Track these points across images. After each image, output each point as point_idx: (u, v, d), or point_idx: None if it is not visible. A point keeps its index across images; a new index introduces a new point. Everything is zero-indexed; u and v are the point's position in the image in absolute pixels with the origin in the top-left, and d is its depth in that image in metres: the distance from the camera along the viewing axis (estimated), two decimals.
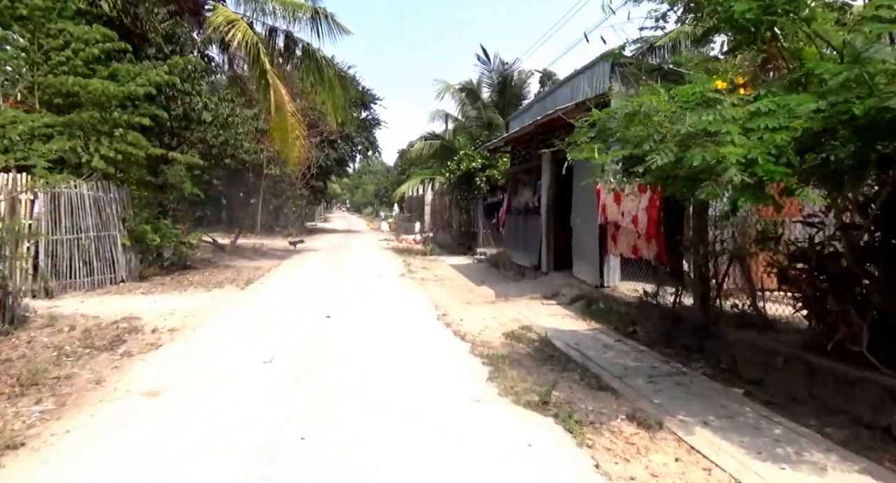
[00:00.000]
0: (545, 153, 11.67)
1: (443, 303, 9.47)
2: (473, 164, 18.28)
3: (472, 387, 4.84)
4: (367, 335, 6.82)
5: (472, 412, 4.27)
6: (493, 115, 18.69)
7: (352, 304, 9.13)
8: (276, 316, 7.90)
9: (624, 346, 6.41)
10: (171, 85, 11.26)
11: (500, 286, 11.44)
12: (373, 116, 35.99)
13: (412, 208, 39.16)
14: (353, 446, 3.60)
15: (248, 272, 13.26)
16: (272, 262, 16.11)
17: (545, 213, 11.62)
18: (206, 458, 3.37)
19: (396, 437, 3.77)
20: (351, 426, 3.94)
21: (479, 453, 3.54)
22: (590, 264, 9.26)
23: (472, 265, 16.27)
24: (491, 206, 18.71)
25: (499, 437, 3.79)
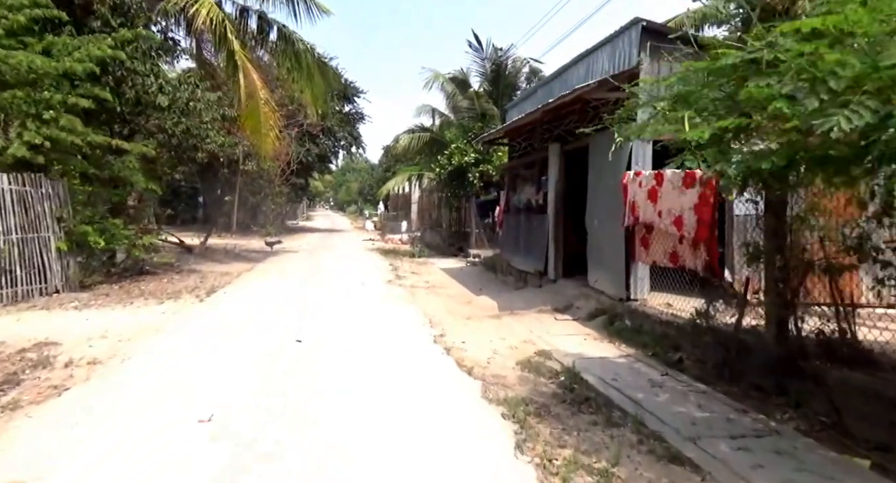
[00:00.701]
0: (553, 144, 10.29)
1: (439, 318, 8.02)
2: (466, 158, 16.85)
3: (499, 467, 3.39)
4: (346, 372, 5.33)
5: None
6: (487, 105, 17.27)
7: (330, 321, 7.63)
8: (234, 341, 6.37)
9: (676, 384, 5.02)
10: (119, 63, 9.66)
11: (502, 296, 10.02)
12: (356, 110, 34.36)
13: (398, 206, 37.63)
14: None
15: (213, 279, 11.67)
16: (244, 265, 14.50)
17: (552, 212, 10.23)
18: None
19: None
20: None
21: None
22: (612, 273, 7.88)
23: (465, 269, 14.83)
24: (485, 205, 17.29)
25: None
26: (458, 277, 12.96)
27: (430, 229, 23.68)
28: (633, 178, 7.11)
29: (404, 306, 8.94)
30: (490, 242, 17.22)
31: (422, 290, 10.87)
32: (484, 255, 16.28)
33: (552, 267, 10.20)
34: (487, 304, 9.38)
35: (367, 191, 61.70)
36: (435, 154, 19.13)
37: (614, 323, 7.41)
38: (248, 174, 27.44)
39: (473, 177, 17.01)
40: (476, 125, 17.09)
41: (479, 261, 15.80)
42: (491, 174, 17.12)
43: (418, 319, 7.88)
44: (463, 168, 17.13)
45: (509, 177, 13.71)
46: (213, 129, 12.84)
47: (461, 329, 7.36)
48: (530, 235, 11.39)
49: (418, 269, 14.61)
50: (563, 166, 10.09)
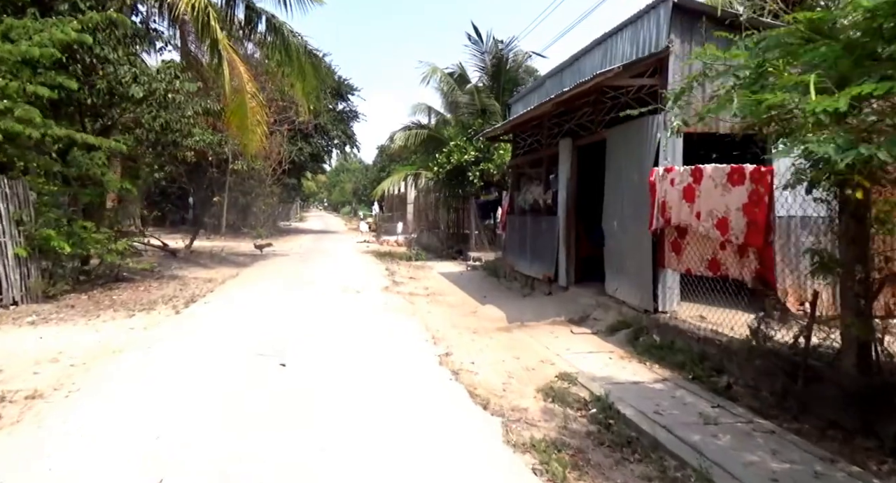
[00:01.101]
0: (564, 139, 9.46)
1: (443, 332, 7.16)
2: (465, 156, 16.01)
3: None
4: (338, 410, 4.47)
5: None
6: (488, 100, 16.41)
7: (321, 337, 6.76)
8: (206, 365, 5.49)
9: (733, 419, 4.19)
10: (88, 49, 8.76)
11: (509, 305, 9.18)
12: (350, 108, 33.48)
13: (393, 207, 36.75)
14: None
15: (194, 286, 10.78)
16: (230, 270, 13.60)
17: (563, 213, 9.40)
18: None
19: None
20: None
21: None
22: (635, 281, 7.05)
23: (466, 274, 13.98)
24: (486, 205, 16.47)
25: None
26: (460, 283, 12.11)
27: (428, 231, 22.83)
28: (664, 175, 6.29)
29: (404, 318, 8.08)
30: (491, 245, 16.40)
31: (422, 299, 10.02)
32: (485, 258, 15.45)
33: (563, 273, 9.37)
34: (494, 314, 8.53)
35: (362, 191, 60.74)
36: (432, 152, 18.28)
37: (640, 338, 6.58)
38: (238, 174, 26.49)
39: (473, 176, 16.17)
40: (476, 121, 16.25)
41: (480, 265, 14.96)
42: (492, 173, 16.29)
43: (420, 335, 7.02)
44: (462, 167, 16.29)
45: (513, 175, 12.88)
46: (195, 124, 11.92)
47: (468, 346, 6.51)
48: (538, 238, 10.56)
49: (416, 274, 13.75)
50: (575, 163, 9.27)
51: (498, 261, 14.13)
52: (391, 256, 18.07)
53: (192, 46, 16.64)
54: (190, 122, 11.58)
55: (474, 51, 17.57)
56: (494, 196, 16.83)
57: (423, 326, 7.51)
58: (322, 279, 12.14)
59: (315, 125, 30.02)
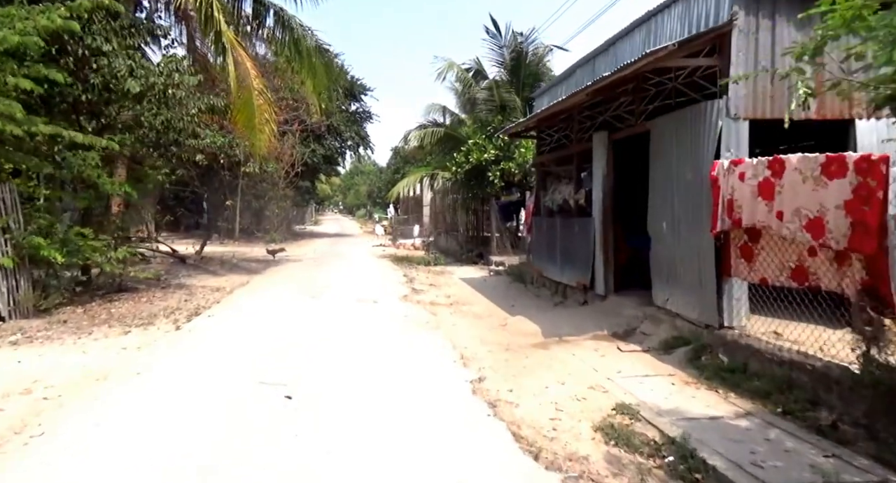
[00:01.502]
0: (598, 133, 8.58)
1: (472, 350, 6.32)
2: (485, 155, 15.15)
3: None
4: (354, 459, 3.64)
5: None
6: (508, 96, 15.54)
7: (334, 359, 5.96)
8: (200, 397, 4.71)
9: (864, 479, 3.27)
10: (78, 39, 8.09)
11: (542, 316, 8.29)
12: (363, 109, 32.83)
13: (409, 210, 36.03)
14: None
15: (201, 296, 10.06)
16: (240, 278, 12.89)
17: (598, 214, 8.51)
18: None
19: None
20: None
21: None
22: (692, 291, 6.14)
23: (489, 280, 13.11)
24: (508, 206, 15.59)
25: None
26: (484, 291, 11.25)
27: (445, 234, 22.01)
28: (730, 169, 5.38)
29: (427, 334, 7.24)
30: (514, 249, 15.52)
31: (444, 309, 9.18)
32: (508, 262, 14.57)
33: (600, 280, 8.46)
34: (527, 327, 7.65)
35: (377, 194, 60.22)
36: (449, 152, 17.46)
37: (702, 357, 5.68)
38: (251, 177, 25.93)
39: (494, 176, 15.31)
40: (495, 118, 15.39)
41: (503, 270, 14.09)
42: (513, 173, 15.41)
43: (447, 354, 6.18)
44: (482, 166, 15.43)
45: (538, 174, 11.99)
46: (199, 123, 11.21)
47: (503, 368, 5.65)
48: (569, 242, 9.67)
49: (436, 281, 12.92)
50: (611, 159, 8.37)
51: (523, 265, 13.25)
52: (409, 261, 17.27)
53: (199, 43, 16.09)
54: (193, 120, 10.88)
55: (492, 45, 16.75)
56: (516, 197, 15.96)
57: (449, 343, 6.67)
58: (336, 287, 11.36)
59: (327, 126, 29.42)
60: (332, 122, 29.56)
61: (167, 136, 9.92)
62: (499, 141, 15.40)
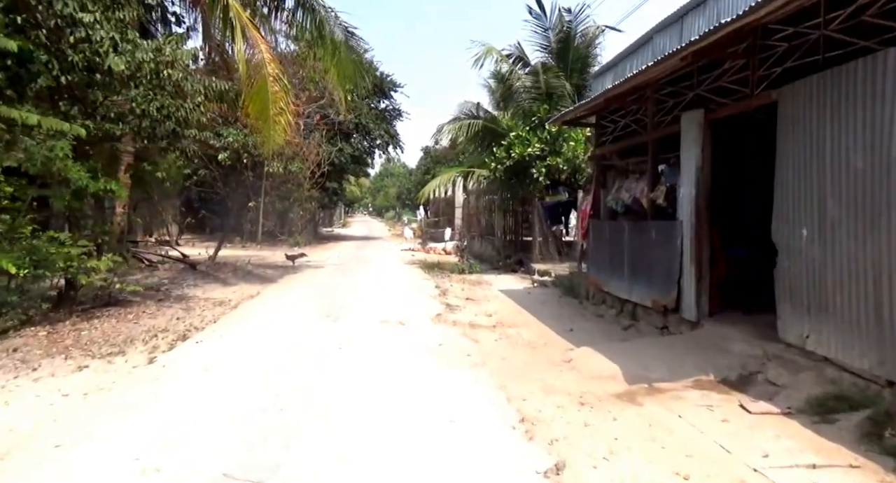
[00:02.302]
0: (689, 112, 6.70)
1: (535, 406, 4.53)
2: (529, 149, 13.34)
3: None
4: None
5: None
6: (556, 81, 13.67)
7: (340, 427, 4.26)
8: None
9: None
10: (47, 5, 6.65)
11: (614, 348, 6.41)
12: (393, 106, 31.32)
13: (440, 212, 34.41)
14: None
15: (198, 312, 8.55)
16: (250, 288, 11.38)
17: (689, 215, 6.62)
18: None
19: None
20: None
21: None
22: (864, 328, 4.22)
23: (534, 293, 11.28)
24: (555, 208, 13.75)
25: None
26: (531, 307, 9.44)
27: (480, 238, 20.24)
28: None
29: (469, 374, 5.48)
30: (562, 256, 13.66)
31: (487, 334, 7.41)
32: (555, 271, 12.71)
33: (691, 301, 6.57)
34: (599, 365, 5.81)
35: (406, 195, 58.88)
36: (487, 148, 15.69)
37: (885, 433, 3.77)
38: (275, 177, 24.68)
39: (538, 173, 13.48)
40: (541, 108, 13.55)
41: (549, 280, 12.24)
42: (560, 169, 13.56)
43: (500, 413, 4.40)
44: (525, 162, 13.62)
45: (597, 169, 10.11)
46: (204, 112, 9.70)
47: (586, 441, 3.86)
48: (643, 250, 7.79)
49: (473, 293, 11.16)
50: (707, 145, 6.48)
51: (575, 276, 11.38)
52: (440, 268, 15.55)
53: (215, 31, 14.75)
54: (198, 109, 9.38)
55: (535, 27, 14.90)
56: (564, 197, 14.08)
57: (500, 392, 4.89)
58: (357, 302, 9.70)
59: (355, 124, 28.02)
60: (361, 119, 28.17)
61: (163, 126, 8.41)
62: (544, 133, 13.57)
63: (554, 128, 13.44)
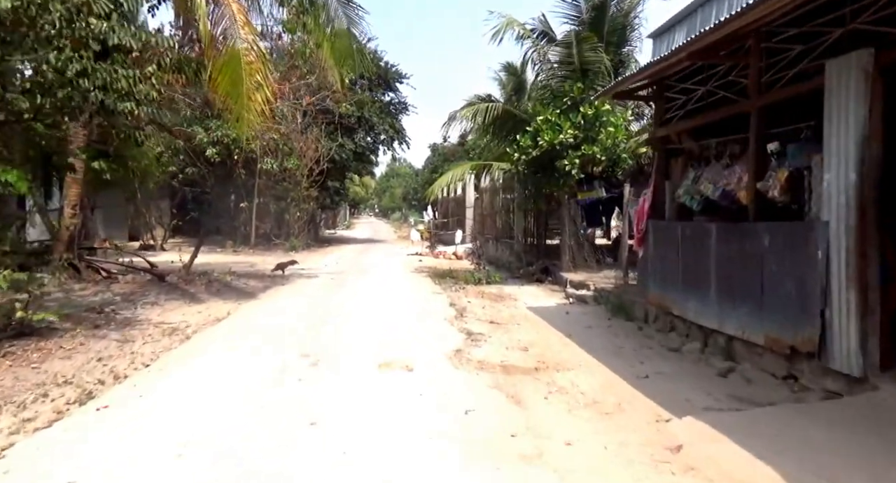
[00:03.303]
0: (839, 59, 4.43)
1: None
2: (560, 136, 11.09)
3: None
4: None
5: None
6: (593, 54, 11.41)
7: None
8: None
9: None
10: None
11: (749, 426, 4.09)
12: (399, 100, 29.13)
13: (449, 212, 32.18)
14: None
15: (135, 348, 6.36)
16: (221, 307, 9.19)
17: (842, 215, 4.36)
18: None
19: None
20: None
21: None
22: None
23: (573, 312, 9.01)
24: (594, 206, 11.47)
25: None
26: (576, 334, 7.19)
27: (495, 241, 17.98)
28: None
29: (522, 477, 3.24)
30: (602, 264, 11.39)
31: (530, 385, 5.14)
32: (594, 283, 10.43)
33: (848, 344, 4.30)
34: (737, 465, 3.50)
35: (412, 196, 56.77)
36: (506, 136, 13.46)
37: None
38: (269, 175, 22.53)
39: (571, 164, 11.23)
40: (574, 86, 11.29)
41: (589, 295, 9.96)
42: (598, 160, 11.30)
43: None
44: (554, 152, 11.38)
45: (660, 156, 7.84)
46: (156, 85, 7.47)
47: None
48: (745, 263, 5.52)
49: (497, 313, 8.90)
50: (877, 105, 4.22)
51: (623, 291, 9.13)
52: (452, 277, 13.31)
53: None
54: (148, 80, 7.20)
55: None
56: (602, 193, 11.80)
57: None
58: (350, 331, 7.44)
59: (358, 117, 25.84)
60: (364, 112, 26.00)
61: (78, 92, 6.17)
62: (577, 117, 11.31)
63: (590, 110, 11.19)
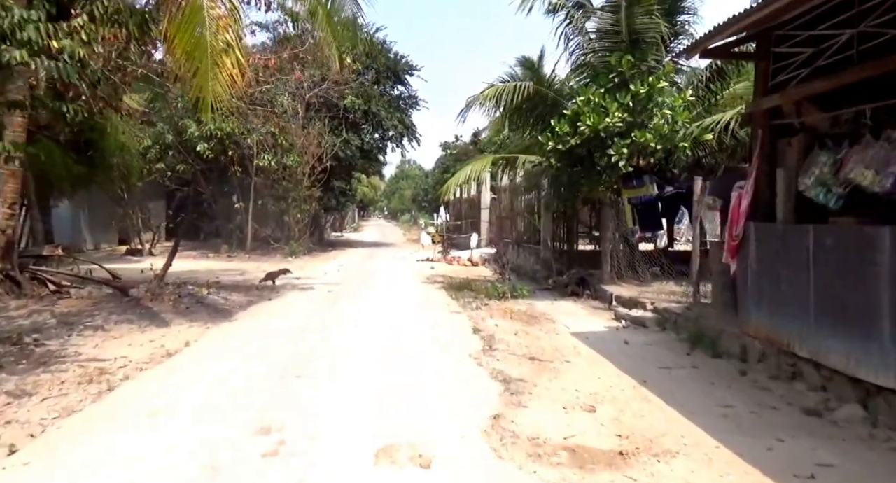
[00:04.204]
0: None
1: None
2: (607, 120, 9.03)
3: None
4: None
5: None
6: (646, 20, 9.31)
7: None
8: None
9: None
10: None
11: None
12: (409, 93, 27.14)
13: (462, 214, 30.22)
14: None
15: (26, 406, 4.38)
16: (184, 333, 7.20)
17: None
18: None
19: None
20: None
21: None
22: None
23: (635, 342, 6.90)
24: (652, 205, 9.35)
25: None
26: (654, 381, 5.12)
27: (518, 246, 15.90)
28: None
29: None
30: (660, 277, 9.32)
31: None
32: (651, 300, 8.34)
33: None
34: None
35: (422, 197, 54.80)
36: (536, 123, 11.39)
37: None
38: (267, 173, 20.61)
39: (618, 154, 9.17)
40: (623, 59, 9.21)
41: (648, 317, 7.86)
42: (652, 149, 9.23)
43: None
44: (598, 139, 9.32)
45: (763, 135, 5.74)
46: (90, 39, 5.53)
47: None
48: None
49: (535, 343, 6.84)
50: None
51: (693, 311, 7.03)
52: (471, 289, 11.29)
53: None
54: (77, 34, 5.28)
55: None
56: (656, 191, 9.69)
57: None
58: (339, 384, 5.36)
59: (364, 112, 23.90)
60: (371, 106, 24.05)
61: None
62: (626, 97, 9.24)
63: (643, 88, 9.13)
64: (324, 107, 22.97)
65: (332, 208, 29.18)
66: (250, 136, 19.43)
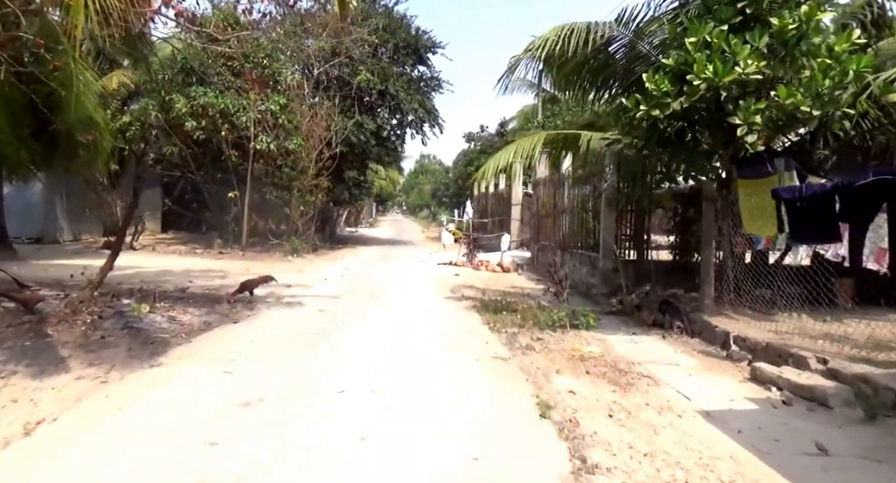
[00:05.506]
0: None
1: None
2: (738, 69, 5.88)
3: None
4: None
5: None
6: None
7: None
8: None
9: None
10: None
11: None
12: (431, 74, 24.08)
13: (488, 211, 27.08)
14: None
15: None
16: (71, 387, 4.29)
17: None
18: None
19: None
20: None
21: None
22: None
23: (822, 435, 3.75)
24: (827, 200, 6.02)
25: None
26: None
27: (562, 252, 12.74)
28: None
29: None
30: (819, 310, 6.15)
31: None
32: (813, 353, 5.19)
33: None
34: None
35: (443, 191, 51.76)
36: (608, 84, 8.28)
37: None
38: (267, 158, 17.73)
39: (747, 124, 6.01)
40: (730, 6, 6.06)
41: (828, 386, 4.71)
42: (805, 113, 6.05)
43: None
44: (715, 101, 6.19)
45: None
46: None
47: None
48: None
49: (649, 436, 3.77)
50: None
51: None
52: (512, 311, 8.25)
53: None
54: None
55: None
56: (796, 181, 6.48)
57: None
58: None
59: (381, 92, 20.93)
60: (388, 86, 21.07)
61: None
62: (761, 40, 6.07)
63: (791, 22, 5.97)
64: (334, 84, 20.07)
65: (345, 201, 26.27)
66: (246, 114, 16.60)
